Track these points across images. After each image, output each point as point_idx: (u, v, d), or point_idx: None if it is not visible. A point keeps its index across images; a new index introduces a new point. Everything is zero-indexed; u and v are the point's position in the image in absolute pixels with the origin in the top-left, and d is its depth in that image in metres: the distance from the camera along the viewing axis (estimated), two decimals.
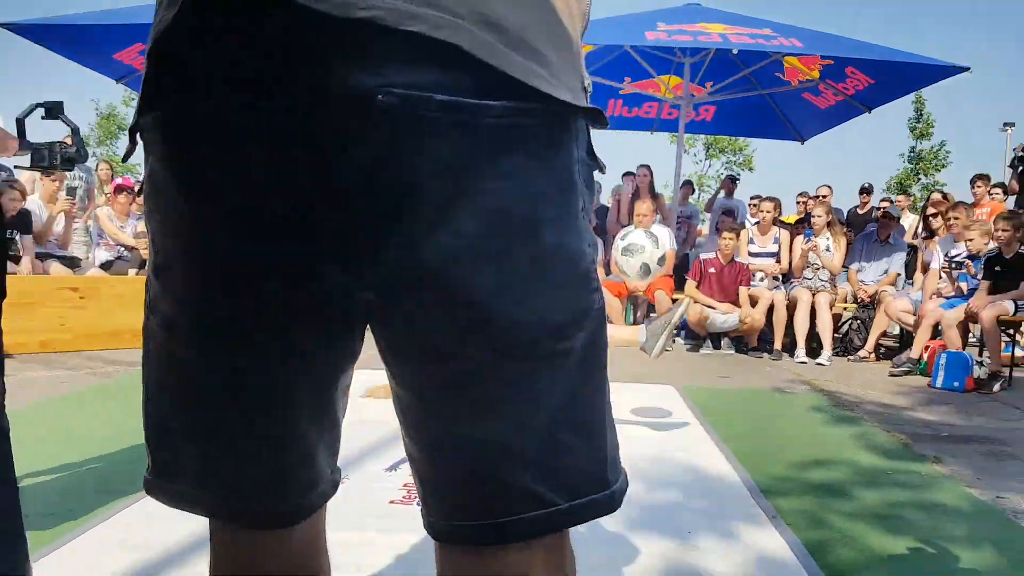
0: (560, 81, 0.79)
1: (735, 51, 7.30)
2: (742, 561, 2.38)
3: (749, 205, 10.59)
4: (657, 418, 4.43)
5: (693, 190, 12.11)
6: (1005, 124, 26.11)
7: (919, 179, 29.23)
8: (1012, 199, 9.27)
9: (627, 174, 9.88)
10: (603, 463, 0.88)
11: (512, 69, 0.74)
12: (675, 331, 3.99)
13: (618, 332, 4.07)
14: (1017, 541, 2.69)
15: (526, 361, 0.80)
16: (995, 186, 9.59)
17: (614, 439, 0.91)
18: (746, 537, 2.57)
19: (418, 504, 0.91)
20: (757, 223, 8.58)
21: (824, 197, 10.09)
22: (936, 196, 9.75)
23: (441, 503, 0.86)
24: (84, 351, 6.18)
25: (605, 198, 10.77)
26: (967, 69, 7.22)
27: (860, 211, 10.32)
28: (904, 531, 2.73)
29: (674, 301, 7.71)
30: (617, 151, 25.02)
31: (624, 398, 4.97)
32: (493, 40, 0.74)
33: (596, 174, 0.90)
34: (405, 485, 2.98)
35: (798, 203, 11.01)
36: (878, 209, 9.74)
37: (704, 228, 11.23)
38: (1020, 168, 8.87)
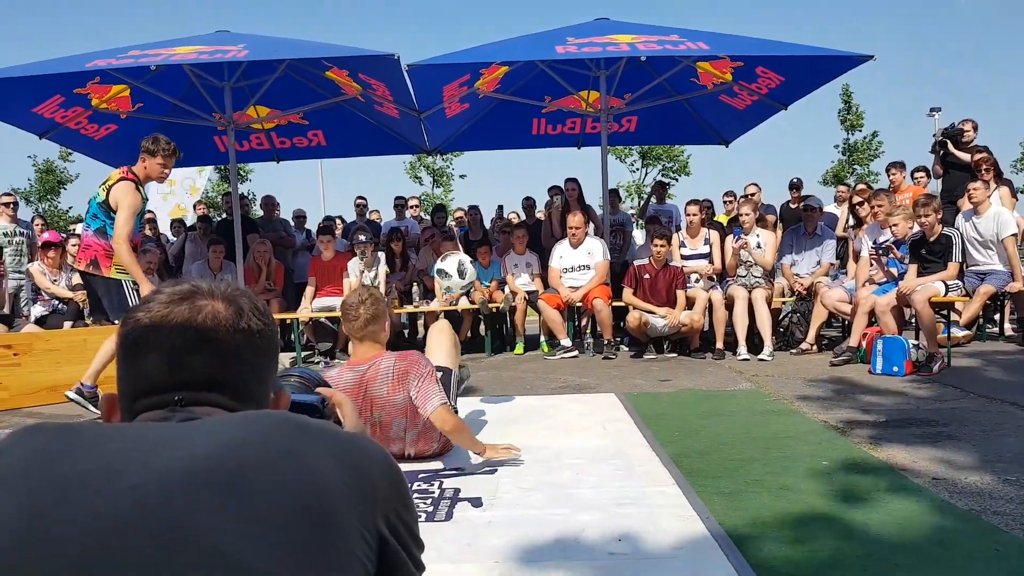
0: None
1: (643, 59, 7.36)
2: (672, 564, 2.35)
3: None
4: (598, 426, 4.40)
5: (621, 198, 12.22)
6: (932, 109, 26.84)
7: (854, 170, 29.89)
8: (938, 182, 9.51)
9: (553, 188, 9.93)
10: None
11: None
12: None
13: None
14: (948, 523, 2.69)
15: None
16: (917, 170, 9.82)
17: None
18: (677, 540, 2.54)
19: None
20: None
21: (752, 195, 10.24)
22: (861, 186, 9.97)
23: None
24: (24, 408, 5.95)
25: (539, 212, 10.84)
26: (871, 57, 7.38)
27: (792, 206, 10.47)
28: (839, 519, 2.72)
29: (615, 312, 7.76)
30: (550, 166, 25.27)
31: (566, 409, 4.99)
32: None
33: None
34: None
35: (725, 203, 11.22)
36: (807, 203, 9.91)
37: (639, 235, 11.30)
38: (941, 152, 9.11)
